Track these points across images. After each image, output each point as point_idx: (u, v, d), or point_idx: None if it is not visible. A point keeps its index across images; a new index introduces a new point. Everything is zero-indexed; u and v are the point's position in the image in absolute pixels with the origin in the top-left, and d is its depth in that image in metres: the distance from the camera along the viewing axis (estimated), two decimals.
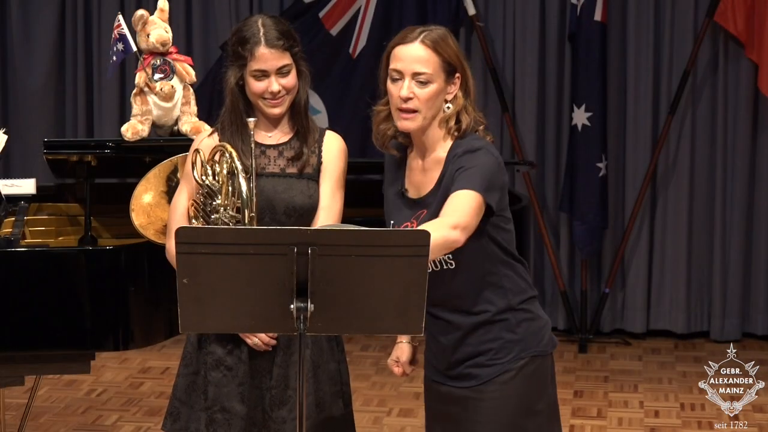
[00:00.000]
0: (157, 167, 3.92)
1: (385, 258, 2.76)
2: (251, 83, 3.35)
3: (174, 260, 3.42)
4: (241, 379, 3.36)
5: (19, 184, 4.54)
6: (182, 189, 3.47)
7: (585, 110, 6.55)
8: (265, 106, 3.38)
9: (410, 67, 3.05)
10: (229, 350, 3.37)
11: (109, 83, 7.05)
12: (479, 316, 3.12)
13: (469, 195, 2.97)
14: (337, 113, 6.83)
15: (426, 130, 3.08)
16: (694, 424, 5.46)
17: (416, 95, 3.04)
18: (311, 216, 3.38)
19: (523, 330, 3.13)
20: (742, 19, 6.49)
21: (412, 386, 5.88)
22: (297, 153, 3.40)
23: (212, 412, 3.35)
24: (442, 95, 3.07)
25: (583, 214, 6.61)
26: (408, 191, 3.16)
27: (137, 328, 4.04)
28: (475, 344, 3.13)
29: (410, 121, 3.06)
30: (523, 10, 6.83)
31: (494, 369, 3.12)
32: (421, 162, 3.13)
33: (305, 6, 6.80)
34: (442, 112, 3.08)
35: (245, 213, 3.28)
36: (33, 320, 3.94)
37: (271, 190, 3.36)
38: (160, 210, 3.91)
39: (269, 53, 3.33)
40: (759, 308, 6.80)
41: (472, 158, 3.02)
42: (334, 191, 3.42)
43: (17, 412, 5.34)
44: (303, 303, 2.76)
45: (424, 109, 3.05)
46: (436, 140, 3.09)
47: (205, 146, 3.42)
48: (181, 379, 3.44)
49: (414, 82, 3.05)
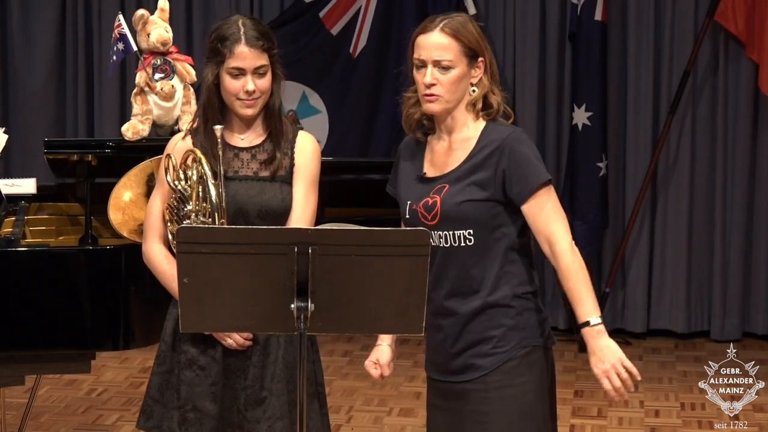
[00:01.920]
0: (139, 165, 3.93)
1: (386, 258, 2.77)
2: (227, 81, 3.34)
3: (149, 264, 3.45)
4: (213, 379, 3.35)
5: (19, 183, 4.54)
6: (157, 192, 3.47)
7: (585, 110, 6.56)
8: (239, 107, 3.36)
9: (432, 54, 3.12)
10: (203, 350, 3.36)
11: (110, 83, 7.06)
12: (484, 299, 3.13)
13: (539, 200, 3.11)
14: (338, 113, 6.84)
15: (452, 113, 3.17)
16: (694, 423, 5.46)
17: (439, 81, 3.12)
18: (285, 218, 3.37)
19: (525, 319, 3.16)
20: (743, 18, 6.49)
21: (413, 386, 5.89)
22: (270, 156, 3.39)
23: (184, 411, 3.35)
24: (466, 79, 3.15)
25: (584, 214, 6.61)
26: (427, 173, 3.21)
27: (137, 327, 4.04)
28: (477, 331, 3.14)
29: (435, 104, 3.14)
30: (524, 9, 6.83)
31: (497, 358, 3.13)
32: (447, 143, 3.19)
33: (305, 6, 6.81)
34: (468, 95, 3.16)
35: (215, 218, 3.27)
36: (33, 320, 3.94)
37: (244, 194, 3.35)
38: (136, 209, 3.92)
39: (248, 52, 3.33)
40: (759, 308, 6.80)
41: (511, 159, 3.11)
42: (307, 193, 3.41)
43: (18, 411, 5.34)
44: (303, 303, 2.76)
45: (447, 94, 3.13)
46: (463, 122, 3.17)
47: (178, 149, 3.41)
48: (155, 378, 3.43)
49: (436, 69, 3.12)
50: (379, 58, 6.84)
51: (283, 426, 3.31)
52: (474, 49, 3.14)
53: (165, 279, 3.40)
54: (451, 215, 3.10)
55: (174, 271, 3.25)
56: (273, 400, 3.33)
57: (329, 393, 5.69)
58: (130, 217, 3.93)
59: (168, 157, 3.41)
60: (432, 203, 3.14)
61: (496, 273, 3.14)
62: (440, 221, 3.12)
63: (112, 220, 3.93)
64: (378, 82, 6.85)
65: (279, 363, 3.35)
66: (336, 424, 5.35)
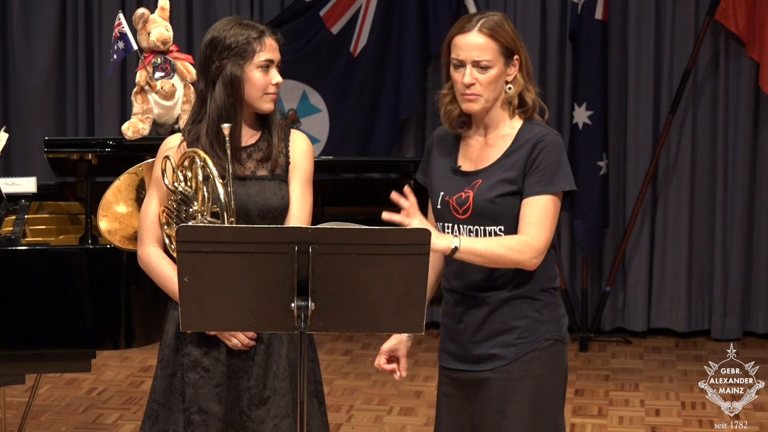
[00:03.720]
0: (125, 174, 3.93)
1: (386, 256, 2.77)
2: (256, 77, 3.34)
3: (147, 268, 3.43)
4: (218, 380, 3.35)
5: (19, 182, 4.54)
6: (152, 195, 3.45)
7: (586, 109, 6.55)
8: (265, 102, 3.37)
9: (470, 55, 3.16)
10: (206, 351, 3.35)
11: (110, 82, 7.05)
12: (510, 291, 3.17)
13: (546, 201, 3.13)
14: (338, 112, 6.84)
15: (489, 111, 3.20)
16: (694, 422, 5.46)
17: (478, 80, 3.16)
18: (284, 216, 3.38)
19: (548, 312, 3.20)
20: (743, 17, 6.49)
21: (413, 385, 5.89)
22: (266, 154, 3.40)
23: (190, 414, 3.35)
24: (502, 78, 3.19)
25: (584, 213, 6.61)
26: (462, 166, 3.23)
27: (138, 326, 4.05)
28: (501, 321, 3.17)
29: (474, 103, 3.18)
30: (524, 8, 6.83)
31: (521, 348, 3.17)
32: (483, 139, 3.22)
33: (306, 5, 6.80)
34: (504, 93, 3.20)
35: (224, 218, 3.27)
36: (34, 319, 3.94)
37: (244, 193, 3.35)
38: (133, 219, 3.92)
39: (275, 43, 3.38)
40: (760, 307, 6.80)
41: (546, 154, 3.15)
42: (303, 191, 3.41)
43: (18, 410, 5.35)
44: (304, 301, 2.76)
45: (486, 93, 3.17)
46: (500, 119, 3.21)
47: (174, 153, 3.40)
48: (158, 382, 3.42)
49: (475, 69, 3.16)
50: (380, 57, 6.84)
51: (289, 424, 3.31)
52: (510, 48, 3.19)
53: (164, 281, 3.38)
54: (484, 211, 3.14)
55: (173, 273, 3.25)
56: (278, 398, 3.33)
57: (329, 392, 5.70)
58: (128, 225, 3.93)
59: (166, 158, 3.39)
60: (465, 197, 3.17)
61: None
62: (471, 215, 3.15)
63: (105, 230, 3.92)
64: (379, 81, 6.85)
65: (282, 362, 3.35)
66: (336, 423, 5.36)
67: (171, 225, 3.35)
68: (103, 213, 3.93)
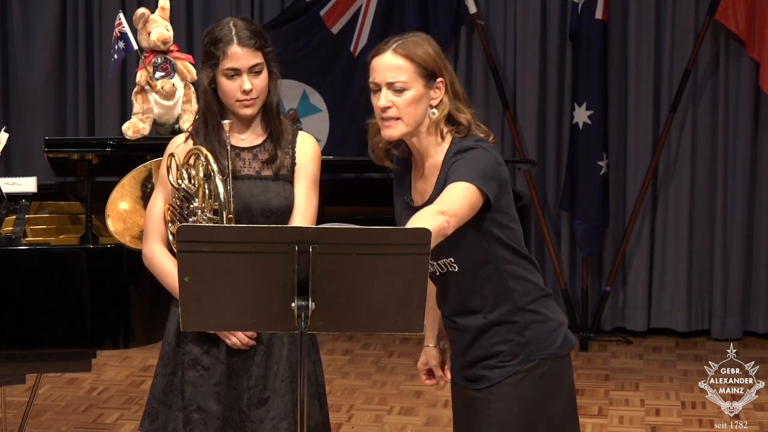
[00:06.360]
0: (131, 173, 3.93)
1: (386, 256, 2.76)
2: (223, 83, 3.35)
3: (151, 265, 3.44)
4: (217, 379, 3.35)
5: (20, 182, 4.54)
6: (158, 194, 3.47)
7: (586, 108, 6.55)
8: (239, 108, 3.37)
9: (384, 76, 3.01)
10: (206, 350, 3.36)
11: (110, 82, 7.05)
12: (487, 317, 3.10)
13: (460, 185, 2.94)
14: (339, 112, 6.84)
15: (418, 138, 3.06)
16: (695, 422, 5.46)
17: (394, 103, 3.00)
18: (288, 217, 3.38)
19: (531, 332, 3.10)
20: (743, 17, 6.49)
21: (413, 385, 5.88)
22: (271, 155, 3.40)
23: (189, 412, 3.35)
24: (424, 101, 3.02)
25: (584, 213, 6.61)
26: (414, 201, 3.13)
27: (138, 326, 4.05)
28: (485, 346, 3.12)
29: (392, 129, 3.02)
30: (524, 8, 6.83)
31: (503, 371, 3.10)
32: (422, 170, 3.10)
33: (306, 4, 6.81)
34: (429, 117, 3.04)
35: (223, 215, 3.28)
36: (34, 319, 3.95)
37: (247, 193, 3.36)
38: (136, 216, 3.92)
39: (241, 51, 3.34)
40: (760, 306, 6.80)
41: (465, 156, 3.00)
42: (308, 192, 3.42)
43: (18, 410, 5.35)
44: (304, 301, 2.76)
45: (405, 116, 3.00)
46: (430, 146, 3.06)
47: (180, 151, 3.42)
48: (158, 379, 3.43)
49: (390, 91, 3.00)
50: None
51: (288, 425, 3.32)
52: (431, 69, 3.01)
53: (167, 279, 3.40)
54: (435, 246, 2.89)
55: (175, 271, 3.26)
56: (277, 399, 3.33)
57: (330, 392, 5.69)
58: (133, 224, 3.93)
59: (171, 156, 3.41)
60: None
61: (493, 291, 3.09)
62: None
63: (114, 231, 3.93)
64: None
65: (282, 362, 3.35)
66: (336, 423, 5.35)
67: (175, 222, 3.37)
68: (109, 212, 3.93)
